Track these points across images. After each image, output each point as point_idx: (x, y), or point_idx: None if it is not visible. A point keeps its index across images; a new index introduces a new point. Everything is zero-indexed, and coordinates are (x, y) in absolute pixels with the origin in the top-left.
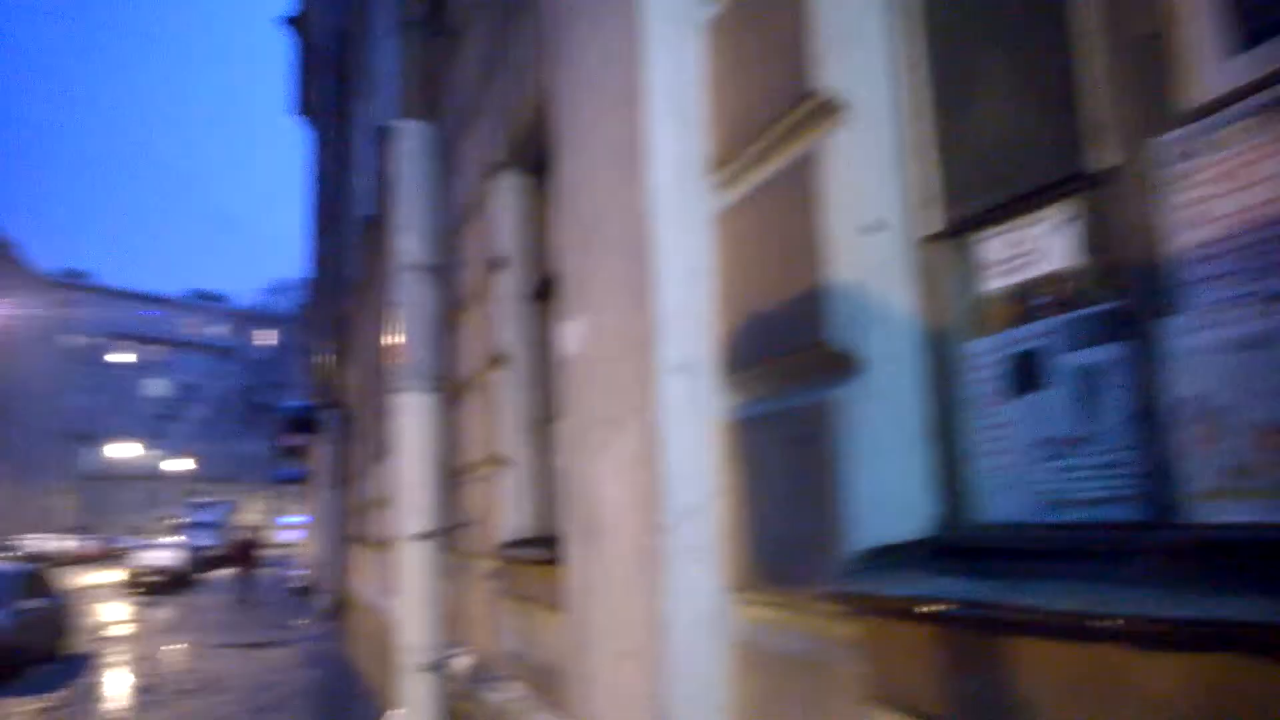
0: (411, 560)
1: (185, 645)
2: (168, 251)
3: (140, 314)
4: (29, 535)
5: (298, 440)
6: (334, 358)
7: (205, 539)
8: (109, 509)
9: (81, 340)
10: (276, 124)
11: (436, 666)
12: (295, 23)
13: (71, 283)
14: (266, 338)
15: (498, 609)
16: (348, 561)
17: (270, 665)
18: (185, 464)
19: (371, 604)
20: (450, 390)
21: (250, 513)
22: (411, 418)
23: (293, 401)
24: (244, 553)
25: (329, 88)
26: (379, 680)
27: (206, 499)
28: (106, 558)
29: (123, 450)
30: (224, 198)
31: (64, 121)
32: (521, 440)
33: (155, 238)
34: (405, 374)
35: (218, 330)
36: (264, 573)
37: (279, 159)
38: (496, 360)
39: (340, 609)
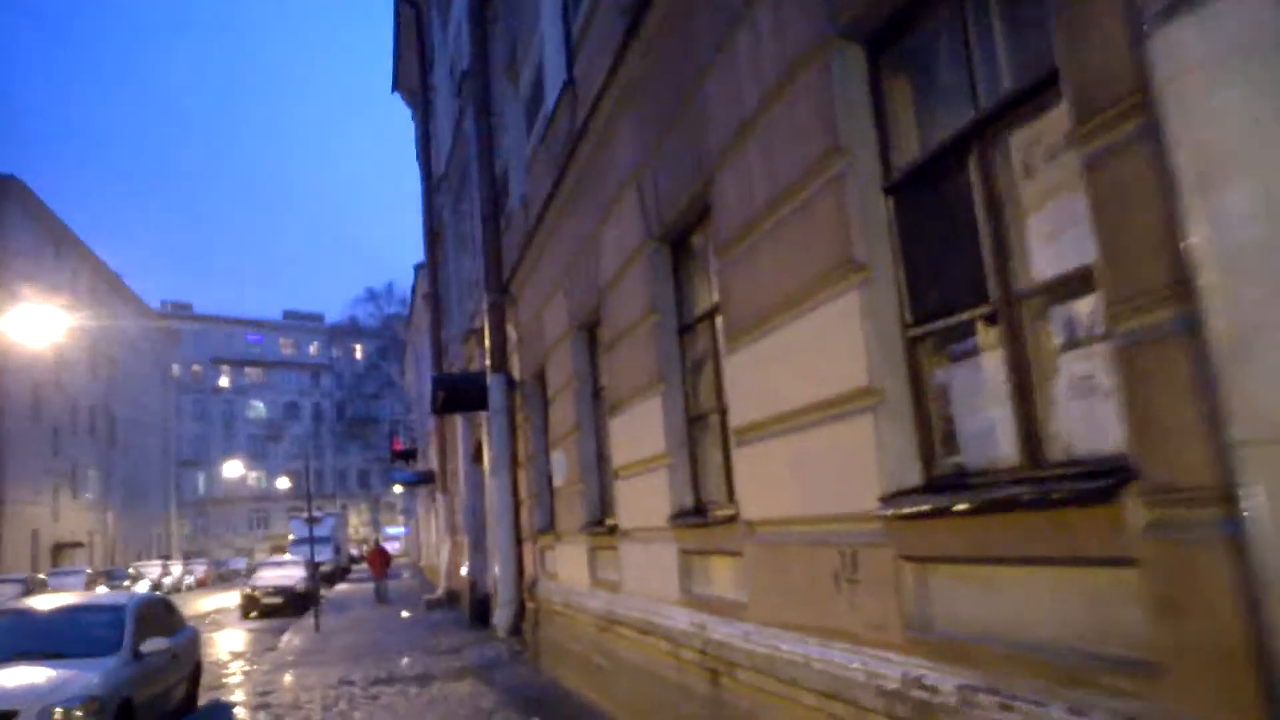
0: None
1: (338, 684)
2: (262, 272)
3: (240, 339)
4: (142, 562)
5: (466, 411)
6: (494, 316)
7: (319, 554)
8: (217, 531)
9: (186, 369)
10: (362, 119)
11: None
12: None
13: (175, 314)
14: (360, 351)
15: None
16: (533, 563)
17: (468, 713)
18: (286, 483)
19: (639, 619)
20: None
21: (355, 525)
22: None
23: (449, 373)
24: (379, 559)
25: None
26: None
27: (316, 513)
28: (219, 581)
29: (228, 473)
30: (314, 208)
31: (166, 149)
32: None
33: (249, 259)
34: None
35: (313, 348)
36: (391, 583)
37: (368, 154)
38: None
39: (523, 624)
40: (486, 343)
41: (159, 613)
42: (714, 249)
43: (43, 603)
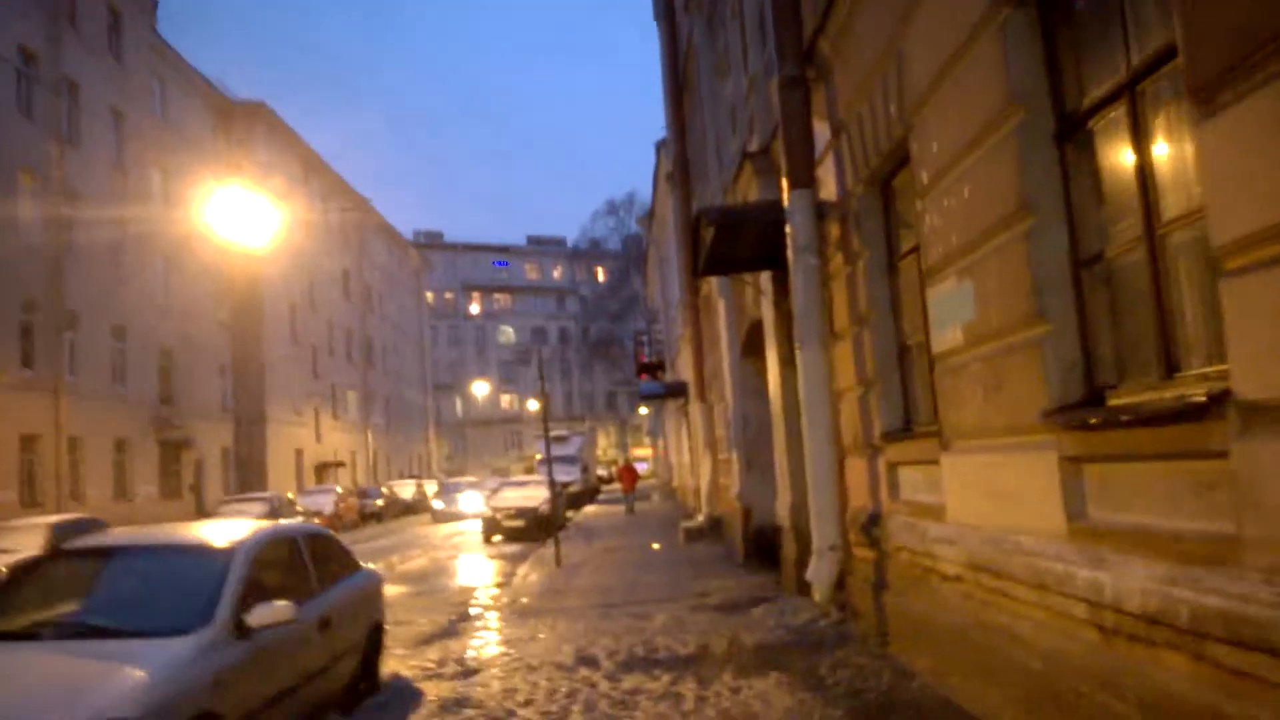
0: None
1: (574, 664)
2: (507, 199)
3: (488, 265)
4: (396, 481)
5: (742, 270)
6: (792, 100)
7: (565, 474)
8: (475, 452)
9: (440, 295)
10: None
11: None
12: None
13: (429, 243)
14: (602, 272)
15: None
16: (868, 488)
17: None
18: (536, 405)
19: None
20: None
21: (603, 447)
22: None
23: (719, 206)
24: (628, 475)
25: None
26: None
27: (562, 432)
28: None
29: (481, 396)
30: (553, 133)
31: (408, 85)
32: None
33: (493, 187)
34: None
35: (557, 271)
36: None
37: (604, 76)
38: None
39: (847, 579)
40: (781, 144)
41: (303, 556)
42: None
43: (133, 540)
